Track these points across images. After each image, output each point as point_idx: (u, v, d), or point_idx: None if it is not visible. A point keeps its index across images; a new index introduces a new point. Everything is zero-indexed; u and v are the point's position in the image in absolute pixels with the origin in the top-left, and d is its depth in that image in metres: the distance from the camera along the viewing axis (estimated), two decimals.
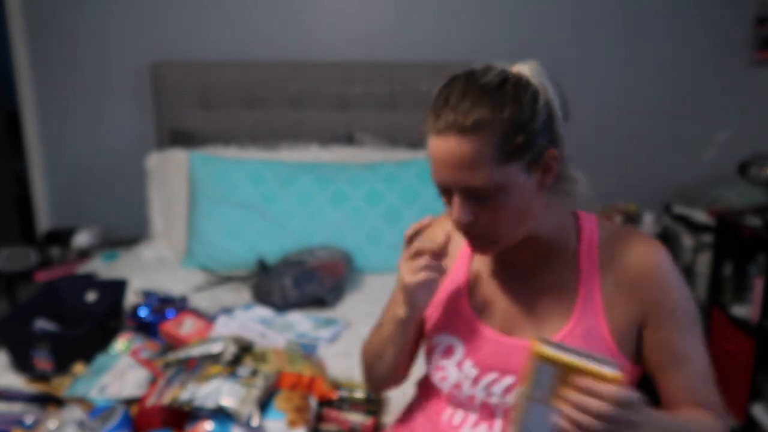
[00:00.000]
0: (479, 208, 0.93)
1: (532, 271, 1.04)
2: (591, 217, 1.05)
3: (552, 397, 0.85)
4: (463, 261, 1.10)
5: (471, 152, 0.89)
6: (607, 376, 0.81)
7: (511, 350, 1.01)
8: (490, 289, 1.07)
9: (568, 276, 1.01)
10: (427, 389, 1.15)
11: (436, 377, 1.07)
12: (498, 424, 1.04)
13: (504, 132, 0.90)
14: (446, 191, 0.96)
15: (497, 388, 1.02)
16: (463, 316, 1.06)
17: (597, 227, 1.04)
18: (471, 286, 1.08)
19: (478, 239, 0.98)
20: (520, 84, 0.93)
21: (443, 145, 0.91)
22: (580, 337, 0.98)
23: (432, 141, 0.93)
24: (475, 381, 1.03)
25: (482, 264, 1.09)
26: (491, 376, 1.02)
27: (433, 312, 1.11)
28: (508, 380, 1.01)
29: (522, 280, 1.05)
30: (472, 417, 1.06)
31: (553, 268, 1.03)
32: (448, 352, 1.06)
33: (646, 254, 0.99)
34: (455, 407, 1.08)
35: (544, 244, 1.02)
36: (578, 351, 0.85)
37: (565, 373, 0.83)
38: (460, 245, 1.11)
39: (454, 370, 1.05)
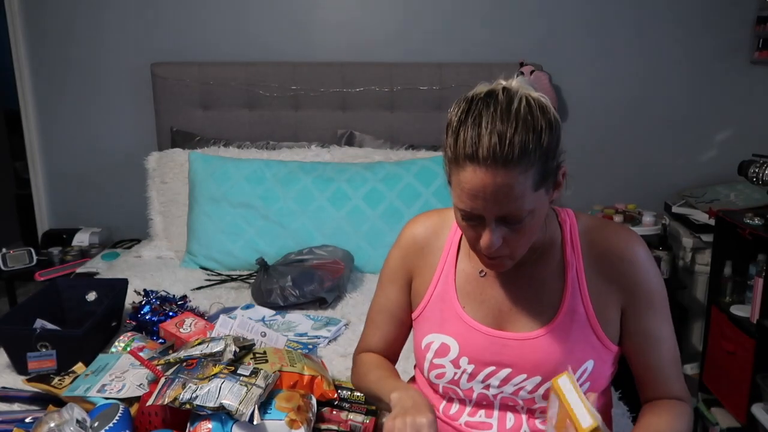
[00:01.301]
0: (508, 233, 0.94)
1: (520, 269, 1.06)
2: (568, 211, 1.10)
3: (557, 426, 0.90)
4: (451, 261, 1.12)
5: (515, 184, 0.88)
6: (581, 427, 0.85)
7: (506, 343, 1.05)
8: (480, 288, 1.09)
9: (554, 268, 1.06)
10: (419, 387, 1.18)
11: (432, 375, 1.09)
12: (496, 412, 1.08)
13: (542, 160, 0.90)
14: (475, 217, 0.94)
15: (494, 380, 1.05)
16: (454, 315, 1.08)
17: (575, 220, 1.08)
18: (460, 286, 1.10)
19: (500, 259, 0.99)
20: (544, 108, 0.91)
21: (486, 178, 0.87)
22: (570, 325, 1.02)
23: (470, 171, 0.88)
24: (472, 376, 1.06)
25: (470, 263, 1.11)
26: (488, 369, 1.05)
27: (424, 313, 1.13)
28: (505, 372, 1.04)
29: (511, 278, 1.07)
30: (468, 408, 1.10)
31: (540, 262, 1.06)
32: (443, 350, 1.08)
33: (625, 241, 1.04)
34: (450, 400, 1.12)
35: (535, 243, 1.04)
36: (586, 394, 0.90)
37: (564, 409, 0.88)
38: (445, 244, 1.13)
39: (450, 367, 1.07)
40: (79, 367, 1.47)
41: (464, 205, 0.92)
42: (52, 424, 1.09)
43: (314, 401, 1.27)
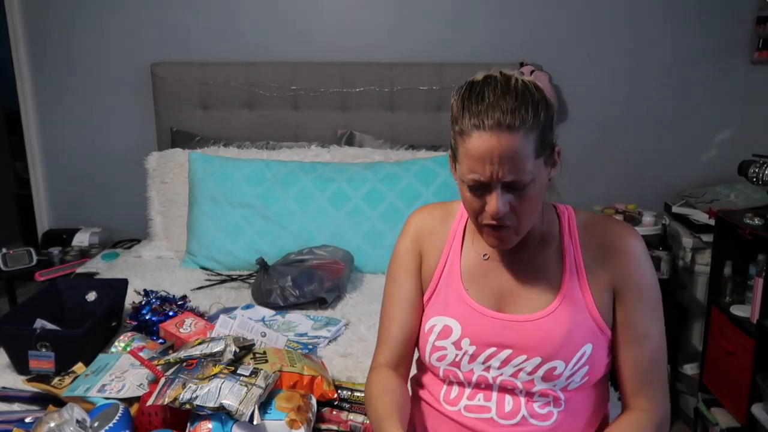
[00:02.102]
0: (513, 200, 0.99)
1: (521, 254, 1.11)
2: (567, 207, 1.15)
3: None
4: (456, 247, 1.15)
5: (519, 147, 0.95)
6: None
7: (507, 325, 1.08)
8: (483, 272, 1.13)
9: (553, 255, 1.10)
10: (421, 379, 1.20)
11: (434, 357, 1.12)
12: (495, 395, 1.09)
13: (540, 129, 0.97)
14: (481, 187, 0.99)
15: (495, 362, 1.08)
16: (458, 299, 1.12)
17: (574, 213, 1.13)
18: (464, 270, 1.14)
19: (507, 230, 1.02)
20: (538, 87, 1.00)
21: (492, 141, 0.95)
22: (569, 309, 1.06)
23: (476, 138, 0.96)
24: (473, 357, 1.09)
25: (474, 249, 1.15)
26: (489, 350, 1.08)
27: (431, 300, 1.15)
28: (506, 353, 1.07)
29: (512, 263, 1.12)
30: (468, 391, 1.11)
31: (540, 249, 1.11)
32: (446, 332, 1.10)
33: (622, 234, 1.09)
34: (450, 384, 1.13)
35: (535, 230, 1.10)
36: None
37: None
38: (450, 231, 1.17)
39: (452, 349, 1.10)
40: (79, 367, 1.47)
41: (472, 173, 0.97)
42: (52, 424, 1.09)
43: (314, 401, 1.27)
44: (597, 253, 1.08)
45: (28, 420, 1.30)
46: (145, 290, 1.89)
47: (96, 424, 1.14)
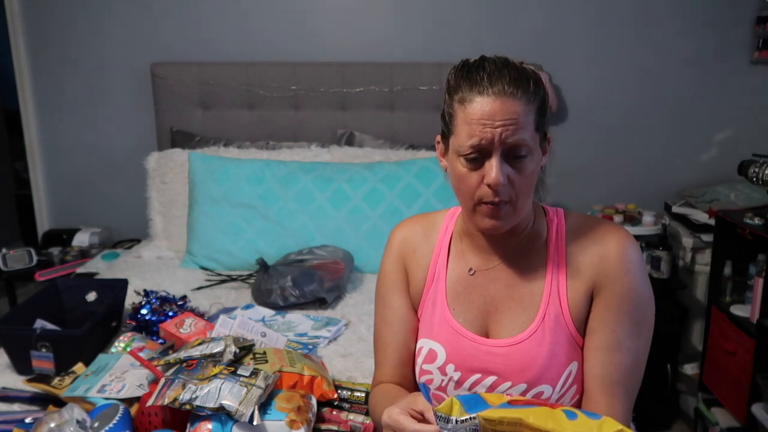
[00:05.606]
0: (511, 173, 0.97)
1: (506, 264, 1.08)
2: (558, 211, 1.10)
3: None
4: (442, 263, 1.12)
5: (522, 113, 0.95)
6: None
7: (490, 350, 1.05)
8: (469, 288, 1.09)
9: (538, 267, 1.06)
10: (413, 391, 1.17)
11: (422, 380, 1.10)
12: None
13: (540, 105, 0.98)
14: (480, 153, 0.96)
15: (480, 388, 1.05)
16: (443, 320, 1.09)
17: (564, 219, 1.08)
18: (450, 287, 1.11)
19: (505, 207, 0.98)
20: (533, 69, 1.01)
21: (496, 105, 0.94)
22: (550, 328, 1.02)
23: (479, 102, 0.95)
24: (459, 383, 1.06)
25: (459, 263, 1.11)
26: (474, 377, 1.05)
27: (420, 316, 1.13)
28: (491, 379, 1.04)
29: (497, 273, 1.08)
30: None
31: (525, 257, 1.07)
32: (431, 356, 1.08)
33: (614, 239, 1.03)
34: None
35: (523, 233, 1.07)
36: None
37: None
38: (435, 246, 1.13)
39: (437, 374, 1.07)
40: (79, 367, 1.47)
41: (472, 137, 0.95)
42: (52, 425, 1.09)
43: (314, 401, 1.27)
44: (583, 261, 1.03)
45: (28, 420, 1.30)
46: (145, 290, 1.89)
47: (96, 425, 1.14)
